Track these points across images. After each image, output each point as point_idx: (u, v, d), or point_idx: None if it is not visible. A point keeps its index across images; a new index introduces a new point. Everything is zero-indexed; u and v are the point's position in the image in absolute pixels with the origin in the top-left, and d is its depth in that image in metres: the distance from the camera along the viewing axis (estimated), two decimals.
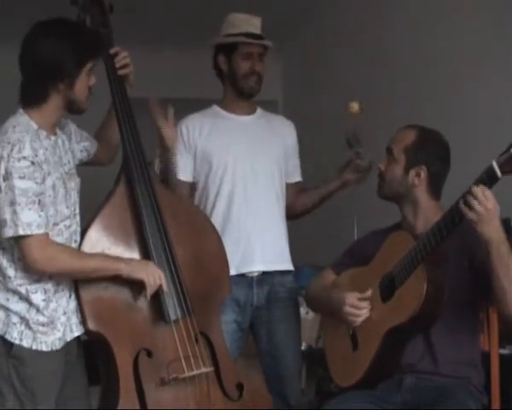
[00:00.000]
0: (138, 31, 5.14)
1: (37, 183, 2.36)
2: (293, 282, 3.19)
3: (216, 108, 3.19)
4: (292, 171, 3.26)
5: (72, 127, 2.66)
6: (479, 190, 2.24)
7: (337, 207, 5.31)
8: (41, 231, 2.36)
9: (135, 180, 2.59)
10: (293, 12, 5.41)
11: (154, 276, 2.49)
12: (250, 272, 3.04)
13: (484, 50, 3.87)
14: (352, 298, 2.59)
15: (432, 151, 2.58)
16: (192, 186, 3.14)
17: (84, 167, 2.80)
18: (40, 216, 2.36)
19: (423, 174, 2.56)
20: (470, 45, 3.97)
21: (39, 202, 2.36)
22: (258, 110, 3.23)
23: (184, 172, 3.09)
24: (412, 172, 2.57)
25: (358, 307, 2.58)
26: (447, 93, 4.15)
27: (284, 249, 3.15)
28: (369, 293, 2.58)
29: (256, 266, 3.05)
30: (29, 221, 2.33)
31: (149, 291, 2.48)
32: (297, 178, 3.30)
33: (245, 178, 3.07)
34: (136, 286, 2.52)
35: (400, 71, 4.65)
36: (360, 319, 2.59)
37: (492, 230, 2.27)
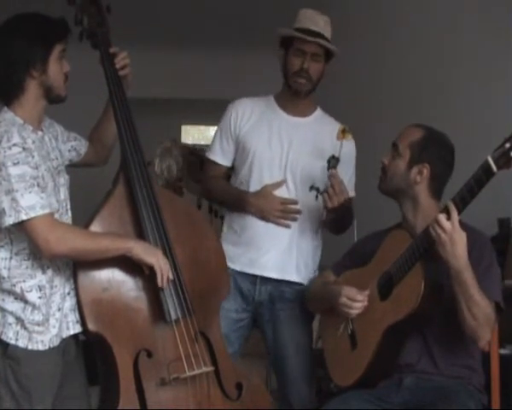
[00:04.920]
0: (138, 31, 5.15)
1: (31, 167, 2.35)
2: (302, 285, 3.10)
3: (271, 100, 3.12)
4: None
5: (59, 128, 2.66)
6: (444, 213, 2.29)
7: None
8: (46, 211, 2.35)
9: (134, 180, 2.59)
10: (293, 14, 5.40)
11: (163, 262, 2.49)
12: (254, 275, 3.01)
13: (484, 51, 3.87)
14: (348, 290, 2.61)
15: (437, 151, 2.58)
16: (228, 171, 3.14)
17: (82, 167, 2.81)
18: (42, 198, 2.35)
19: (426, 172, 2.56)
20: (470, 45, 3.98)
21: (38, 184, 2.35)
22: (316, 113, 3.13)
23: (223, 156, 3.09)
24: (415, 169, 2.57)
25: (354, 299, 2.59)
26: (448, 93, 4.16)
27: (296, 262, 3.03)
28: (367, 291, 2.59)
29: (258, 271, 3.01)
30: (32, 204, 2.32)
31: (160, 278, 2.47)
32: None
33: (273, 179, 3.02)
34: (137, 280, 2.53)
35: (400, 71, 4.66)
36: (355, 311, 2.59)
37: (451, 255, 2.30)
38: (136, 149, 2.62)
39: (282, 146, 3.03)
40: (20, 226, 2.35)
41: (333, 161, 2.84)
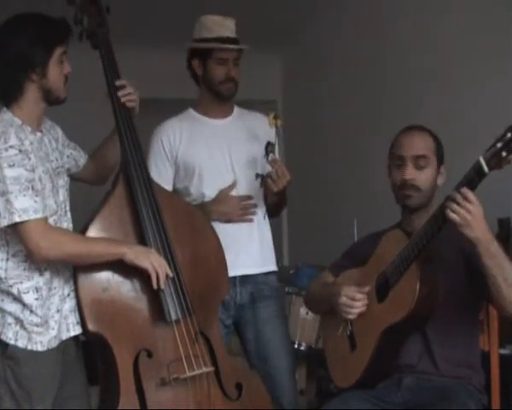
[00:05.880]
0: (138, 31, 5.14)
1: (27, 169, 2.35)
2: (277, 281, 3.20)
3: (192, 112, 3.16)
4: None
5: (60, 131, 2.66)
6: (460, 194, 2.22)
7: (337, 208, 5.33)
8: (39, 215, 2.35)
9: (134, 181, 2.59)
10: (293, 13, 5.41)
11: (157, 263, 2.48)
12: (233, 276, 3.00)
13: (483, 51, 3.87)
14: (347, 289, 2.60)
15: (442, 148, 2.59)
16: None
17: (81, 182, 2.79)
18: (36, 202, 2.35)
19: (444, 172, 2.58)
20: (470, 46, 3.98)
21: (33, 187, 2.35)
22: (235, 111, 3.19)
23: (162, 182, 3.01)
24: (441, 173, 2.57)
25: (354, 299, 2.58)
26: (447, 94, 4.16)
27: (267, 252, 3.14)
28: (366, 288, 2.58)
29: (238, 271, 3.03)
30: (25, 207, 2.32)
31: (154, 280, 2.47)
32: None
33: (226, 184, 3.06)
34: (137, 280, 2.53)
35: (399, 71, 4.65)
36: (355, 311, 2.58)
37: (478, 231, 2.25)
38: (136, 150, 2.62)
39: (223, 151, 3.08)
40: (14, 229, 2.36)
41: (270, 147, 2.95)
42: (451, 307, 2.47)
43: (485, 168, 2.18)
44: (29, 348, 2.40)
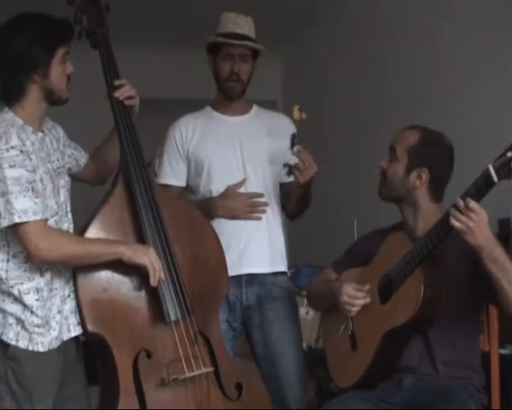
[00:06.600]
0: (138, 31, 5.14)
1: (28, 170, 2.35)
2: (288, 281, 3.16)
3: (209, 109, 3.16)
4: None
5: (61, 131, 2.66)
6: (463, 203, 2.21)
7: (337, 208, 5.33)
8: (38, 217, 2.35)
9: (133, 181, 2.58)
10: (293, 14, 5.41)
11: (155, 260, 2.48)
12: (239, 275, 3.00)
13: (483, 51, 3.87)
14: (348, 288, 2.60)
15: (435, 154, 2.55)
16: (183, 190, 3.13)
17: (81, 182, 2.79)
18: (36, 203, 2.35)
19: (425, 177, 2.53)
20: (470, 46, 3.98)
21: (33, 189, 2.35)
22: (254, 109, 3.18)
23: (175, 177, 3.06)
24: (414, 174, 2.54)
25: (354, 297, 2.58)
26: (447, 94, 4.16)
27: (277, 252, 3.09)
28: (367, 287, 2.59)
29: (245, 270, 3.02)
30: (24, 208, 2.32)
31: (152, 277, 2.46)
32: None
33: (235, 181, 3.04)
34: (137, 280, 2.53)
35: (399, 72, 4.65)
36: (355, 309, 2.59)
37: (481, 239, 2.24)
38: (135, 150, 2.62)
39: (235, 148, 3.06)
40: (14, 230, 2.36)
41: (296, 138, 2.90)
42: (454, 309, 2.46)
43: (495, 178, 2.15)
44: (30, 348, 2.40)
